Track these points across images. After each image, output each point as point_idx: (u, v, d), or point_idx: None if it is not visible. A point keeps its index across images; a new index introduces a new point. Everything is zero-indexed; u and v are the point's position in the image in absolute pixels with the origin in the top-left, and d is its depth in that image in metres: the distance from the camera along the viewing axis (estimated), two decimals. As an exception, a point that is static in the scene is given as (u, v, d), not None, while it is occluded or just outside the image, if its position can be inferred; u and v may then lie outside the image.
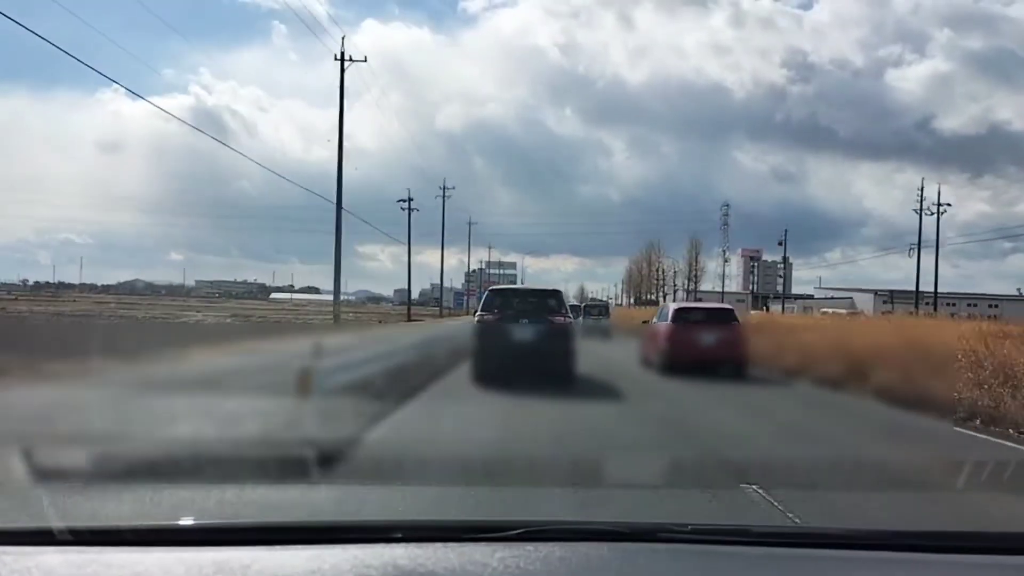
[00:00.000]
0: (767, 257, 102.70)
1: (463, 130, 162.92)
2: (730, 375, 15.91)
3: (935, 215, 53.56)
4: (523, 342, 13.96)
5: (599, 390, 13.51)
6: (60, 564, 1.82)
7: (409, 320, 51.48)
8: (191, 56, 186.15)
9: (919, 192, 54.16)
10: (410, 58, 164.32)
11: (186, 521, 2.34)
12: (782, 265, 78.52)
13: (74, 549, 1.93)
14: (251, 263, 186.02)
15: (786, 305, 71.76)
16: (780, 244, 69.52)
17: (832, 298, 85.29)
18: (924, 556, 2.06)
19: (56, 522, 2.05)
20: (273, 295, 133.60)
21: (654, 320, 19.51)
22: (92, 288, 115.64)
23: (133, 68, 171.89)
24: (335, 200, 34.96)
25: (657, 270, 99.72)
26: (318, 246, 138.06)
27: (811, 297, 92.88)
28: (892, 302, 63.57)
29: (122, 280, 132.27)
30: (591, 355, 17.89)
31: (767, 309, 65.12)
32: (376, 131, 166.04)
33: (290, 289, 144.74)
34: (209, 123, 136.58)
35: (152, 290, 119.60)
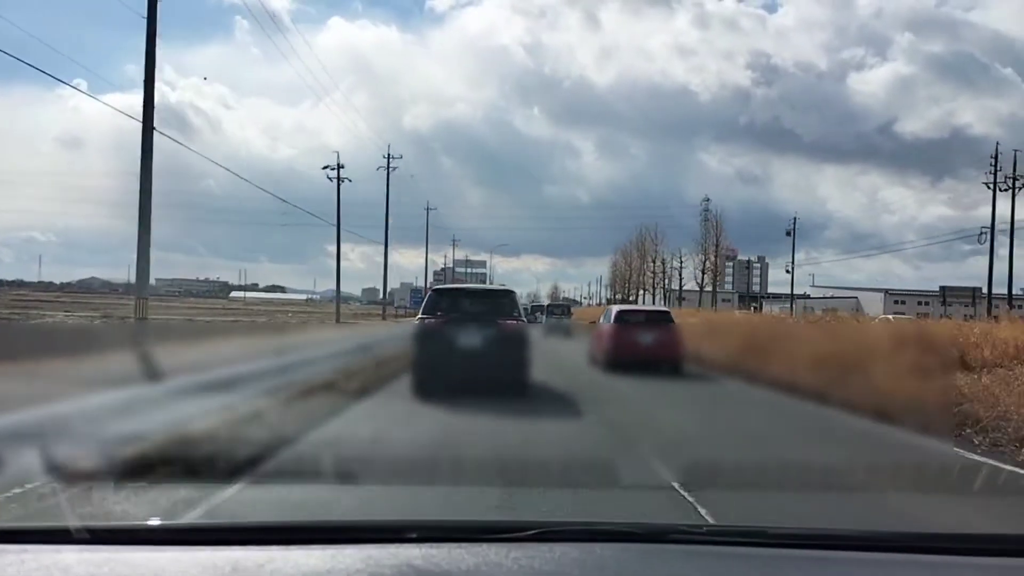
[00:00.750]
0: (742, 257, 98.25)
1: (431, 130, 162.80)
2: (668, 372, 16.96)
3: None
4: (470, 349, 12.36)
5: (546, 384, 13.54)
6: (77, 563, 1.83)
7: (338, 321, 46.19)
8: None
9: (992, 165, 43.69)
10: (377, 56, 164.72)
11: (202, 520, 2.35)
12: (790, 263, 69.40)
13: (91, 548, 1.94)
14: (220, 262, 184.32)
15: (778, 306, 64.79)
16: (788, 234, 62.50)
17: (832, 297, 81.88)
18: (939, 558, 2.04)
19: (74, 521, 2.06)
20: (233, 294, 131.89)
21: (600, 321, 20.92)
22: (48, 286, 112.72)
23: (95, 62, 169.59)
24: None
25: (654, 261, 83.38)
26: (288, 245, 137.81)
27: (807, 296, 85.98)
28: (945, 303, 56.94)
29: (81, 278, 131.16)
30: (549, 352, 20.95)
31: (756, 309, 56.93)
32: (343, 129, 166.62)
33: (254, 288, 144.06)
34: (173, 120, 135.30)
35: (109, 288, 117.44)
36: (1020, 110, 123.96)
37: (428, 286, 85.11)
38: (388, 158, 57.44)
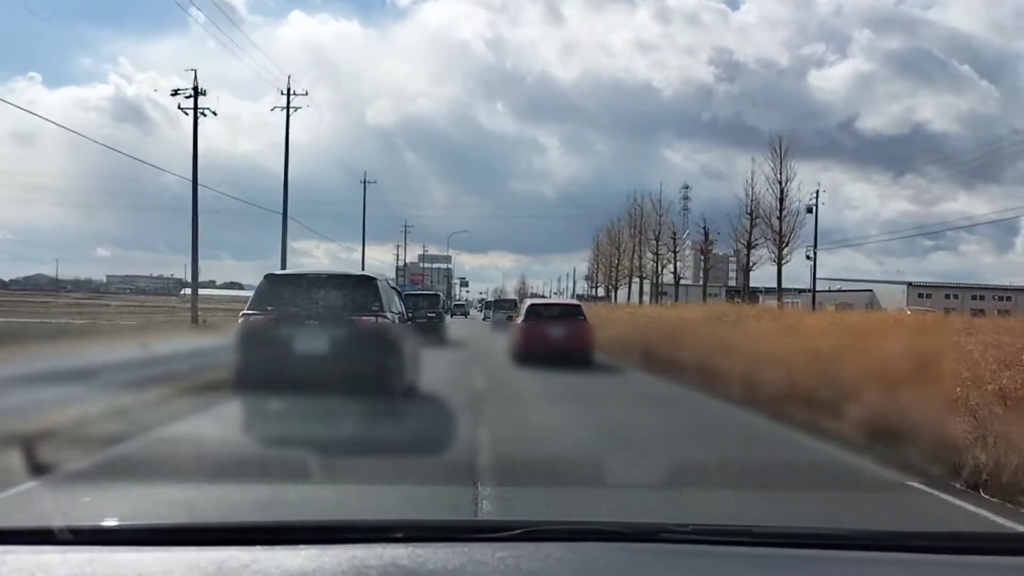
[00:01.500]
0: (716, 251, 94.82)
1: (395, 125, 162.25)
2: (578, 364, 17.18)
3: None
4: (310, 355, 9.42)
5: (446, 383, 13.00)
6: (60, 563, 1.82)
7: (195, 322, 34.25)
8: (110, 44, 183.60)
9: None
10: (339, 51, 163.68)
11: (186, 521, 2.34)
12: (809, 256, 61.23)
13: (75, 548, 1.92)
14: (181, 259, 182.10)
15: (785, 299, 53.28)
16: (809, 211, 46.47)
17: (841, 291, 71.18)
18: (926, 557, 2.05)
19: (57, 521, 2.05)
20: (184, 291, 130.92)
21: (516, 318, 21.47)
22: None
23: (49, 56, 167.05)
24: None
25: (657, 239, 56.77)
26: (250, 242, 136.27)
27: (804, 291, 76.90)
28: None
29: (28, 275, 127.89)
30: (485, 349, 22.65)
31: (744, 300, 41.02)
32: (306, 126, 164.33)
33: (211, 285, 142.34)
34: (130, 114, 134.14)
35: (57, 285, 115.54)
36: (979, 107, 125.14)
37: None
38: (288, 95, 39.90)
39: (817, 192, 47.63)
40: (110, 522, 2.18)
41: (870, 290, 77.34)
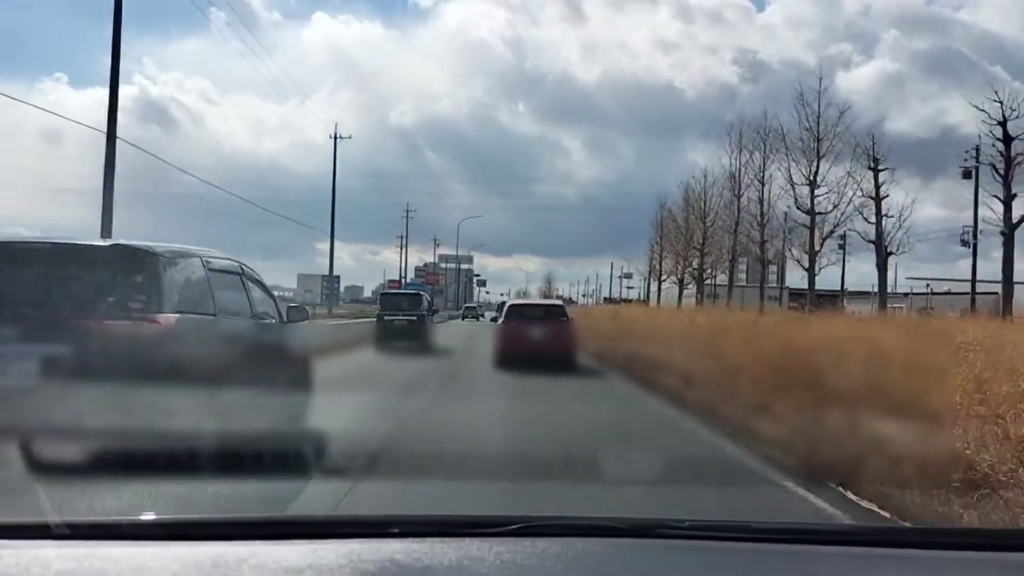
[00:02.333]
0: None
1: (416, 126, 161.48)
2: (561, 367, 16.40)
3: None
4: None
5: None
6: (57, 558, 1.82)
7: None
8: (133, 45, 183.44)
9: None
10: (361, 52, 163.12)
11: (183, 515, 2.34)
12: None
13: (71, 543, 1.92)
14: None
15: (859, 305, 40.85)
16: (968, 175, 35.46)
17: (950, 292, 50.81)
18: (923, 553, 2.06)
19: (53, 516, 2.05)
20: None
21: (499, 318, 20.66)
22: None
23: (74, 56, 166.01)
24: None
25: (762, 179, 38.66)
26: (280, 244, 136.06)
27: (895, 294, 51.92)
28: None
29: None
30: (473, 355, 20.81)
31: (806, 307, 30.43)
32: (330, 129, 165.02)
33: None
34: (155, 114, 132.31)
35: None
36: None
37: (386, 283, 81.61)
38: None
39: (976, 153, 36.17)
40: (107, 516, 2.18)
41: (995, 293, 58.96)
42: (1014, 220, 30.42)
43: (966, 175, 37.98)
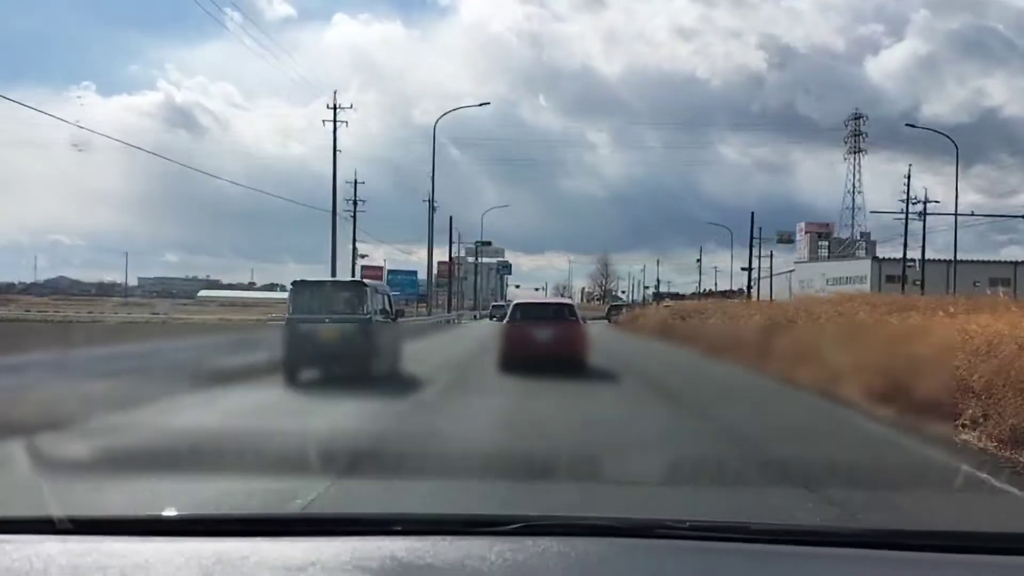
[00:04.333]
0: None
1: (442, 124, 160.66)
2: (569, 370, 15.08)
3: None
4: None
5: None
6: (60, 553, 1.83)
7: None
8: (156, 51, 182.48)
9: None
10: (382, 51, 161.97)
11: (186, 512, 2.35)
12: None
13: (74, 538, 1.93)
14: (243, 262, 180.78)
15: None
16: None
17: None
18: (924, 555, 2.05)
19: (56, 511, 2.05)
20: (201, 293, 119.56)
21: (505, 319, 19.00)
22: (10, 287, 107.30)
23: (99, 63, 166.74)
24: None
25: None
26: (311, 245, 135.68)
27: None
28: None
29: (49, 277, 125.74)
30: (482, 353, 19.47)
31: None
32: (355, 132, 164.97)
33: (249, 287, 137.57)
34: (180, 120, 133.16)
35: (80, 288, 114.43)
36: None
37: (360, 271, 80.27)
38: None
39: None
40: (110, 512, 2.19)
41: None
42: None
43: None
